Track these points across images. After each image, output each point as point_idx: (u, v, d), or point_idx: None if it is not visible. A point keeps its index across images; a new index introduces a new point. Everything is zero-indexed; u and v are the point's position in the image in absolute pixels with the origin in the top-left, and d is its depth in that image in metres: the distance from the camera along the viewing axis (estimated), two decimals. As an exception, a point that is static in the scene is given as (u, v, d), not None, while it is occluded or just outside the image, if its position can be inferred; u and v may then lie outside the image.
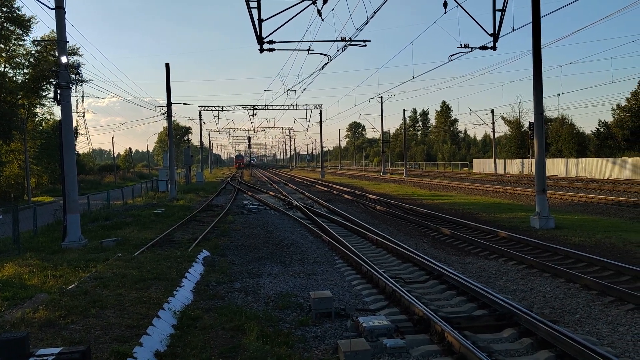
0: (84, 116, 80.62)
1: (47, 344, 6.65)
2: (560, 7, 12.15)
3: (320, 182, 50.11)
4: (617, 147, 57.18)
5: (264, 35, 18.60)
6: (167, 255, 12.93)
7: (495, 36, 19.33)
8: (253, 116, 61.02)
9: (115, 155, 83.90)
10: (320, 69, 23.70)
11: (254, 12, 17.80)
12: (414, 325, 7.69)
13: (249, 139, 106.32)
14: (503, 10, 18.80)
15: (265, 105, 56.82)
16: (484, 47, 20.29)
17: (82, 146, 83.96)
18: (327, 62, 21.86)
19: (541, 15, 17.30)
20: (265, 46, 18.95)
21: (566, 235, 15.51)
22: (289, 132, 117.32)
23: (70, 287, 9.85)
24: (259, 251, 14.52)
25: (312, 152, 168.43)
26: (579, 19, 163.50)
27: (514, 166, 60.01)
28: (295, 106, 58.60)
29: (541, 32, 17.31)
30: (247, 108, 59.90)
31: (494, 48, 19.82)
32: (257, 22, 18.07)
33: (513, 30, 19.45)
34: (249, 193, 37.61)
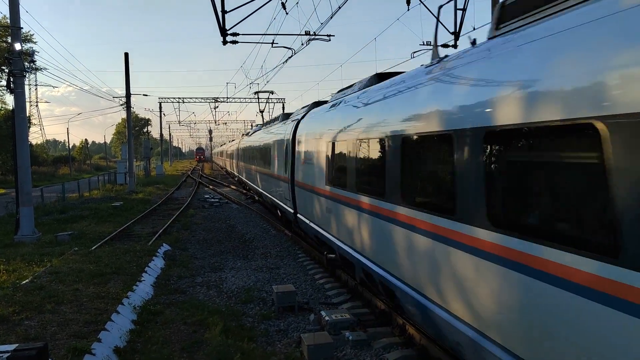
0: (37, 105, 77.64)
1: (0, 340, 6.43)
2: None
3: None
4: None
5: (227, 27, 18.35)
6: (126, 249, 12.66)
7: (457, 35, 19.66)
8: (215, 109, 60.13)
9: (70, 146, 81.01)
10: (284, 63, 23.53)
11: (218, 3, 17.52)
12: (376, 318, 7.81)
13: (210, 131, 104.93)
14: (464, 10, 19.13)
15: (228, 97, 56.05)
16: (445, 45, 20.60)
17: (35, 136, 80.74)
18: (291, 56, 21.73)
19: (501, 16, 17.71)
20: (229, 38, 18.67)
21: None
22: (251, 125, 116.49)
23: (24, 282, 9.52)
24: (221, 245, 14.39)
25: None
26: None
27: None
28: (258, 99, 58.13)
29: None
30: (208, 100, 58.96)
31: (455, 46, 20.13)
32: (220, 14, 17.80)
33: (474, 29, 19.79)
34: (211, 187, 37.17)
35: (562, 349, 3.41)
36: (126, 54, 34.11)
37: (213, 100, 57.88)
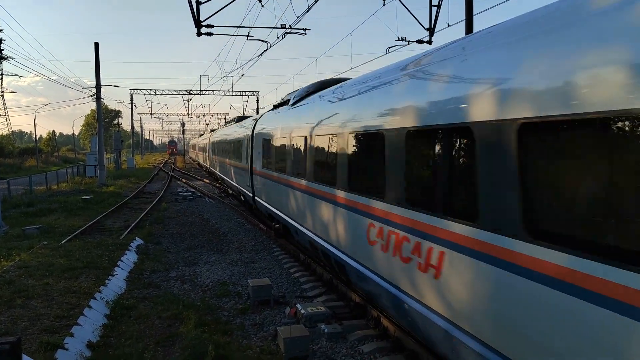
0: (2, 95, 75.21)
1: (-32, 336, 6.28)
2: (492, 6, 12.75)
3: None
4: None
5: (202, 18, 18.12)
6: (98, 244, 12.46)
7: (431, 31, 19.85)
8: (188, 101, 59.27)
9: (37, 137, 78.75)
10: (258, 56, 23.37)
11: (192, -6, 17.25)
12: (351, 311, 7.89)
13: (182, 124, 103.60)
14: (439, 6, 19.31)
15: (201, 90, 55.40)
16: (420, 41, 20.76)
17: (0, 127, 78.27)
18: (266, 49, 21.60)
19: (474, 13, 17.96)
20: (203, 30, 18.45)
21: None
22: (225, 118, 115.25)
23: (-8, 276, 9.29)
24: (195, 239, 14.29)
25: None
26: (509, 17, 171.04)
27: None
28: (232, 92, 57.59)
29: (474, 29, 17.98)
30: (181, 92, 58.18)
31: (429, 42, 20.33)
32: (195, 5, 17.58)
33: (448, 25, 19.98)
34: (183, 180, 36.75)
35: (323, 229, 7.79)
36: (96, 44, 33.36)
37: (186, 93, 57.16)
